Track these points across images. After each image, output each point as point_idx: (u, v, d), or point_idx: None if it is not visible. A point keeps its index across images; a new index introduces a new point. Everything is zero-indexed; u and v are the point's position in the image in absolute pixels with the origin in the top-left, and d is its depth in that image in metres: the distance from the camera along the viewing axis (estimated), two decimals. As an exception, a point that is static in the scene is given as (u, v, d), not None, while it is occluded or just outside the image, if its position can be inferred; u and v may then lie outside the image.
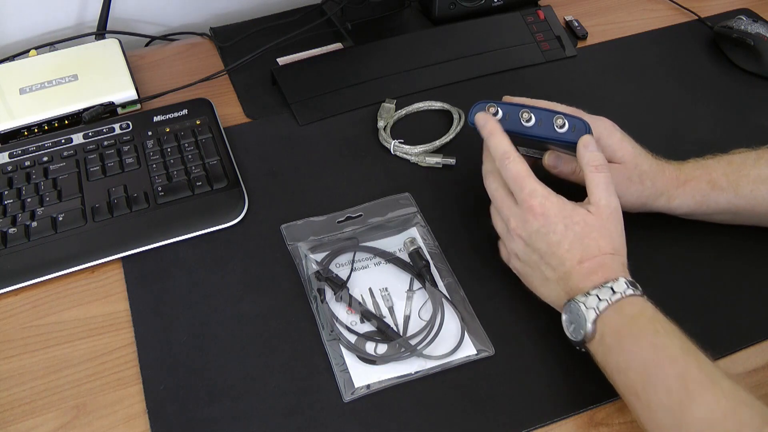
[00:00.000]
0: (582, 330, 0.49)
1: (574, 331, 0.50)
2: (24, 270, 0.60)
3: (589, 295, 0.49)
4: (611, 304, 0.48)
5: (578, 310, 0.49)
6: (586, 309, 0.49)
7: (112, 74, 0.77)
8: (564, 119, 0.54)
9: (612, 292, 0.49)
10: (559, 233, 0.52)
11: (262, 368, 0.54)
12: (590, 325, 0.49)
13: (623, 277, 0.50)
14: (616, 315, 0.48)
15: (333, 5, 0.86)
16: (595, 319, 0.49)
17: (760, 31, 0.80)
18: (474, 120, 0.57)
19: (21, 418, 0.52)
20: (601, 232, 0.52)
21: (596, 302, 0.49)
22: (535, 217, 0.52)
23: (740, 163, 0.59)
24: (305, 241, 0.62)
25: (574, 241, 0.51)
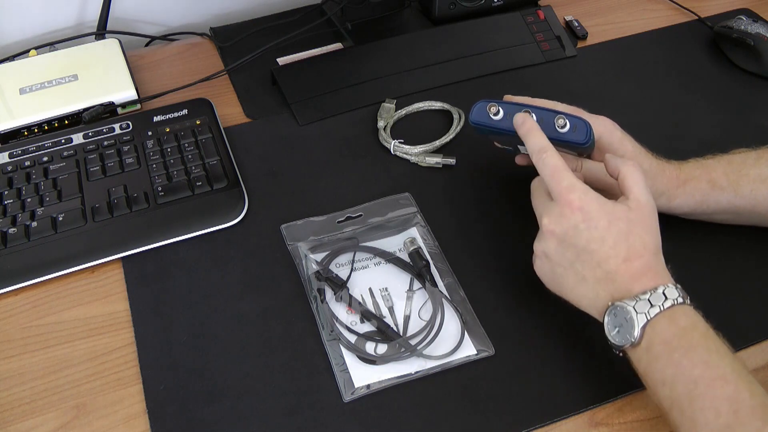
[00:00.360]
0: (629, 335, 0.47)
1: (619, 336, 0.48)
2: (24, 270, 0.60)
3: (639, 299, 0.47)
4: (663, 311, 0.46)
5: (626, 313, 0.47)
6: (636, 314, 0.47)
7: (112, 74, 0.77)
8: (565, 119, 0.54)
9: (664, 298, 0.47)
10: (601, 228, 0.49)
11: (262, 368, 0.54)
12: (638, 331, 0.47)
13: (673, 285, 0.48)
14: (667, 324, 0.46)
15: (333, 5, 0.86)
16: (644, 325, 0.47)
17: (760, 31, 0.80)
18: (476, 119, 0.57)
19: (21, 418, 0.52)
20: (645, 228, 0.50)
21: (647, 307, 0.47)
22: (573, 212, 0.50)
23: (740, 163, 0.59)
24: (305, 241, 0.62)
25: (618, 237, 0.49)
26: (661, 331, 0.46)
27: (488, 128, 0.58)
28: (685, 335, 0.46)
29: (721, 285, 0.60)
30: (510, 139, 0.59)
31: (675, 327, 0.46)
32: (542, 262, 0.53)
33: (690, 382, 0.44)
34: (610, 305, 0.49)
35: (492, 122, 0.57)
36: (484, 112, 0.57)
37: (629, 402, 0.53)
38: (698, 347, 0.45)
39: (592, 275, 0.50)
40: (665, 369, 0.46)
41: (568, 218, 0.50)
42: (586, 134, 0.54)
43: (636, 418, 0.52)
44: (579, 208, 0.50)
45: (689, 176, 0.59)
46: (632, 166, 0.52)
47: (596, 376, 0.54)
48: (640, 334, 0.47)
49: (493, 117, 0.57)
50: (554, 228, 0.51)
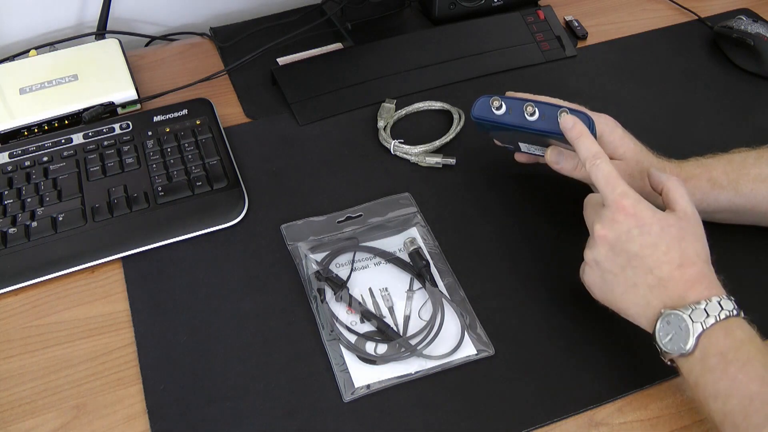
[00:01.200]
0: (682, 344, 0.46)
1: (671, 343, 0.47)
2: (24, 270, 0.60)
3: (694, 308, 0.46)
4: (719, 322, 0.46)
5: (681, 321, 0.46)
6: (692, 322, 0.46)
7: (112, 74, 0.77)
8: (568, 113, 0.54)
9: (720, 308, 0.46)
10: (654, 234, 0.49)
11: (262, 368, 0.54)
12: (693, 340, 0.46)
13: (728, 296, 0.47)
14: (723, 335, 0.45)
15: (333, 5, 0.86)
16: (700, 334, 0.46)
17: (760, 31, 0.80)
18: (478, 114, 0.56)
19: (21, 418, 0.52)
20: (696, 237, 0.50)
21: (703, 317, 0.46)
22: (626, 217, 0.49)
23: (740, 162, 0.59)
24: (305, 241, 0.62)
25: (671, 243, 0.48)
26: (716, 342, 0.45)
27: (490, 123, 0.57)
28: (742, 348, 0.45)
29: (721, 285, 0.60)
30: (511, 135, 0.59)
31: (731, 339, 0.45)
32: (592, 270, 0.52)
33: (745, 398, 0.43)
34: (662, 312, 0.48)
35: (494, 117, 0.57)
36: (486, 107, 0.57)
37: (629, 402, 0.53)
38: (755, 361, 0.44)
39: (644, 281, 0.49)
40: (719, 382, 0.45)
41: (620, 223, 0.50)
42: (588, 127, 0.54)
43: (636, 418, 0.52)
44: (632, 214, 0.49)
45: (689, 175, 0.59)
46: (676, 181, 0.52)
47: (596, 376, 0.54)
48: (695, 344, 0.46)
49: (496, 111, 0.56)
50: (606, 233, 0.50)
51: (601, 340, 0.56)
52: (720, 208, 0.59)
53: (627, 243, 0.49)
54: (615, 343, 0.56)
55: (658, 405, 0.53)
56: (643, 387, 0.53)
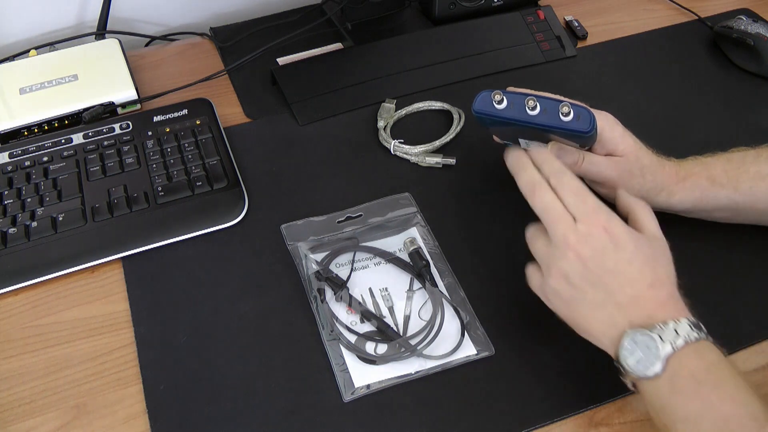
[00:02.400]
0: (650, 365, 0.45)
1: (638, 365, 0.45)
2: (24, 270, 0.60)
3: (664, 328, 0.45)
4: (689, 344, 0.44)
5: (650, 341, 0.45)
6: (662, 342, 0.44)
7: (112, 74, 0.77)
8: (570, 107, 0.53)
9: (690, 329, 0.45)
10: (629, 251, 0.48)
11: (262, 368, 0.54)
12: (663, 362, 0.44)
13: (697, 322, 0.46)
14: (694, 356, 0.44)
15: (333, 5, 0.86)
16: (669, 355, 0.44)
17: (760, 31, 0.80)
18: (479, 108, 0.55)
19: (21, 418, 0.52)
20: (667, 259, 0.49)
21: (673, 337, 0.44)
22: (602, 233, 0.48)
23: (739, 160, 0.59)
24: (305, 241, 0.62)
25: (645, 262, 0.48)
26: (687, 364, 0.44)
27: (491, 117, 0.57)
28: (713, 370, 0.44)
29: (721, 285, 0.60)
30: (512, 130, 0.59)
31: (702, 360, 0.44)
32: (558, 284, 0.50)
33: (719, 420, 0.43)
34: (628, 331, 0.46)
35: (495, 111, 0.56)
36: (488, 101, 0.56)
37: (629, 402, 0.53)
38: (727, 383, 0.44)
39: (614, 299, 0.47)
40: (689, 404, 0.44)
41: (597, 239, 0.48)
42: (590, 123, 0.53)
43: (636, 418, 0.52)
44: (606, 229, 0.48)
45: (689, 173, 0.59)
46: (644, 205, 0.52)
47: (596, 376, 0.54)
48: (664, 365, 0.44)
49: (497, 106, 0.56)
50: (581, 249, 0.48)
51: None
52: (719, 206, 0.59)
53: (602, 259, 0.48)
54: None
55: (658, 405, 0.53)
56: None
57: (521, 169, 0.53)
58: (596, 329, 0.49)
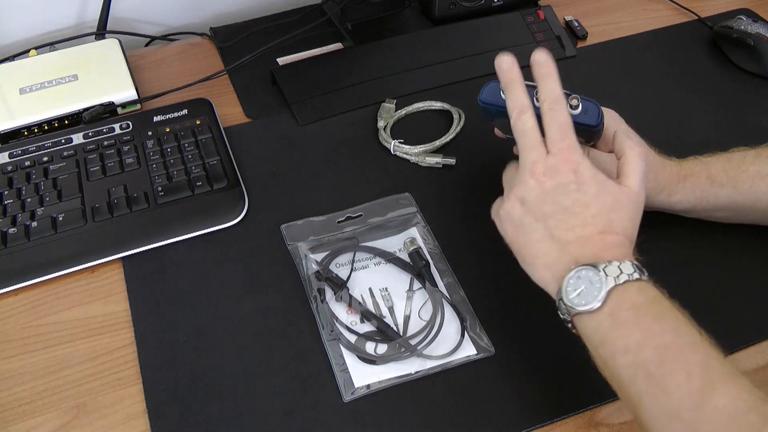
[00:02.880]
0: (592, 298, 0.45)
1: (579, 298, 0.46)
2: (24, 270, 0.60)
3: (609, 264, 0.46)
4: (632, 281, 0.45)
5: (594, 275, 0.46)
6: (606, 276, 0.45)
7: (112, 74, 0.77)
8: (579, 100, 0.53)
9: (634, 269, 0.46)
10: (589, 195, 0.48)
11: (262, 368, 0.55)
12: (604, 294, 0.45)
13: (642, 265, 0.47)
14: (636, 292, 0.45)
15: (333, 5, 0.86)
16: (611, 288, 0.45)
17: (760, 31, 0.80)
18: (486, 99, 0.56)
19: (21, 418, 0.52)
20: (629, 213, 0.49)
21: (617, 273, 0.45)
22: (569, 171, 0.49)
23: (739, 160, 0.59)
24: (305, 241, 0.62)
25: (602, 209, 0.48)
26: (629, 297, 0.45)
27: (497, 108, 0.57)
28: (654, 304, 0.45)
29: (721, 285, 0.60)
30: None
31: (644, 295, 0.45)
32: (513, 207, 0.51)
33: (660, 347, 0.43)
34: (573, 267, 0.47)
35: (502, 102, 0.56)
36: (495, 91, 0.56)
37: (629, 402, 0.53)
38: (668, 316, 0.45)
39: (563, 236, 0.48)
40: (631, 335, 0.44)
41: (562, 174, 0.49)
42: (598, 117, 0.53)
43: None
44: (575, 170, 0.49)
45: (689, 172, 0.59)
46: (637, 154, 0.51)
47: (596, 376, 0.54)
48: (605, 297, 0.45)
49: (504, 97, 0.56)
50: (545, 179, 0.49)
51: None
52: (720, 206, 0.59)
53: (561, 195, 0.49)
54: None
55: (658, 405, 0.53)
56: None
57: (515, 87, 0.53)
58: (540, 262, 0.49)
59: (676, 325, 0.44)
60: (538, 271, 0.50)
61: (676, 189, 0.59)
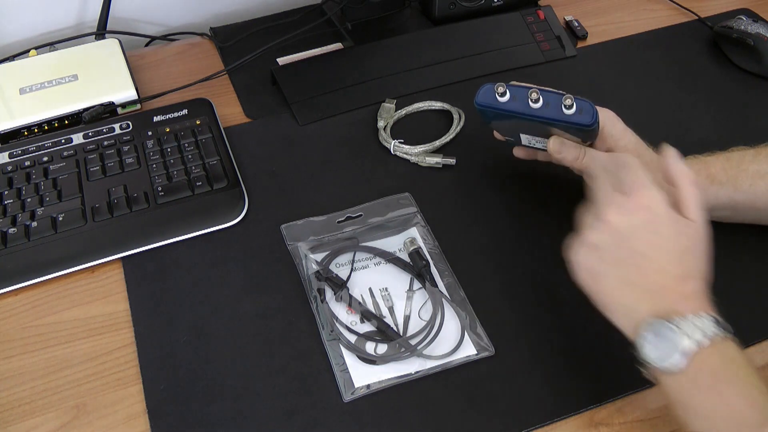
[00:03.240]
0: (670, 359, 0.44)
1: (659, 357, 0.44)
2: (24, 270, 0.60)
3: (686, 321, 0.44)
4: (711, 340, 0.43)
5: (673, 335, 0.44)
6: (681, 333, 0.43)
7: (112, 74, 0.77)
8: (573, 100, 0.53)
9: (715, 326, 0.44)
10: (664, 237, 0.47)
11: (262, 368, 0.54)
12: (681, 356, 0.43)
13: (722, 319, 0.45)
14: (716, 354, 0.44)
15: (333, 5, 0.86)
16: (690, 350, 0.43)
17: (760, 31, 0.80)
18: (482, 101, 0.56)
19: (21, 418, 0.52)
20: (702, 252, 0.48)
21: (692, 330, 0.43)
22: (641, 210, 0.47)
23: (738, 159, 0.59)
24: (305, 241, 0.62)
25: (678, 252, 0.46)
26: (709, 361, 0.44)
27: (493, 110, 0.56)
28: (731, 366, 0.44)
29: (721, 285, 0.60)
30: (513, 124, 0.58)
31: (722, 357, 0.44)
32: (588, 254, 0.49)
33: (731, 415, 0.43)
34: (650, 322, 0.45)
35: (498, 104, 0.56)
36: (491, 93, 0.56)
37: (629, 402, 0.53)
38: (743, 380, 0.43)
39: (643, 283, 0.46)
40: (706, 400, 0.43)
41: (636, 216, 0.47)
42: (592, 116, 0.53)
43: (636, 418, 0.52)
44: (647, 207, 0.47)
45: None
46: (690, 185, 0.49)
47: (596, 376, 0.54)
48: (687, 361, 0.43)
49: (500, 98, 0.55)
50: (619, 221, 0.47)
51: (601, 340, 0.56)
52: (719, 205, 0.59)
53: (636, 238, 0.47)
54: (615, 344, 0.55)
55: (658, 405, 0.53)
56: (643, 387, 0.53)
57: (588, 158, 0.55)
58: (618, 309, 0.48)
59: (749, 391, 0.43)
60: (618, 319, 0.48)
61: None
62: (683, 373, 0.44)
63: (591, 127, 0.54)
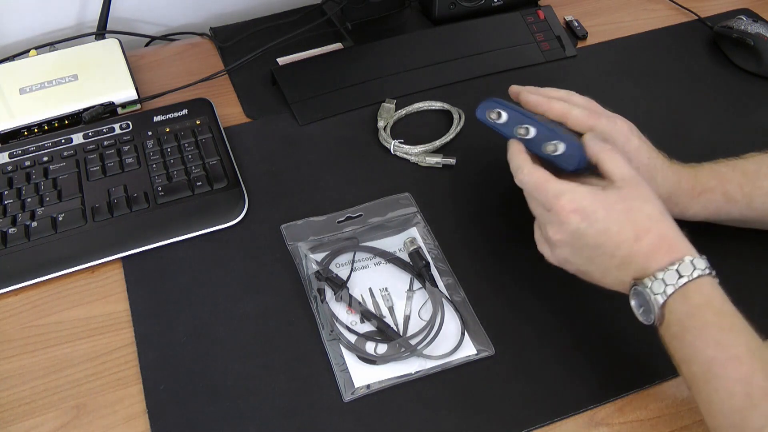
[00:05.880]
0: (651, 315, 0.48)
1: (644, 315, 0.49)
2: (24, 270, 0.60)
3: (655, 279, 0.47)
4: (677, 290, 0.46)
5: (646, 295, 0.48)
6: (654, 294, 0.47)
7: (112, 74, 0.77)
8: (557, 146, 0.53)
9: (678, 275, 0.47)
10: (601, 219, 0.49)
11: (262, 368, 0.54)
12: (658, 311, 0.47)
13: (688, 256, 0.47)
14: (681, 302, 0.47)
15: (333, 5, 0.86)
16: (662, 304, 0.47)
17: (760, 31, 0.80)
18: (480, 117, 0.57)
19: (21, 418, 0.52)
20: (642, 199, 0.50)
21: (663, 287, 0.47)
22: (569, 217, 0.50)
23: (754, 173, 0.58)
24: (305, 241, 0.62)
25: (620, 220, 0.49)
26: (675, 311, 0.47)
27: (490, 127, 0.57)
28: (699, 314, 0.46)
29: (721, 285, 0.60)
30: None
31: (687, 305, 0.46)
32: (568, 265, 0.54)
33: (704, 363, 0.45)
34: (632, 287, 0.49)
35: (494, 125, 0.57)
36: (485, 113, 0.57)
37: (629, 402, 0.53)
38: (711, 326, 0.45)
39: (612, 263, 0.50)
40: (682, 349, 0.46)
41: (566, 225, 0.50)
42: (576, 164, 0.53)
43: (636, 418, 0.52)
44: (573, 210, 0.50)
45: (705, 187, 0.57)
46: (609, 151, 0.52)
47: (596, 376, 0.54)
48: (659, 314, 0.47)
49: (495, 121, 0.57)
50: (561, 237, 0.51)
51: (601, 340, 0.56)
52: (730, 220, 0.59)
53: (582, 239, 0.50)
54: (615, 343, 0.56)
55: (658, 405, 0.53)
56: (643, 387, 0.53)
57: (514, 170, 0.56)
58: (617, 288, 0.51)
59: (718, 337, 0.45)
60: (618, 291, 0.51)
61: (692, 204, 0.58)
62: (661, 326, 0.48)
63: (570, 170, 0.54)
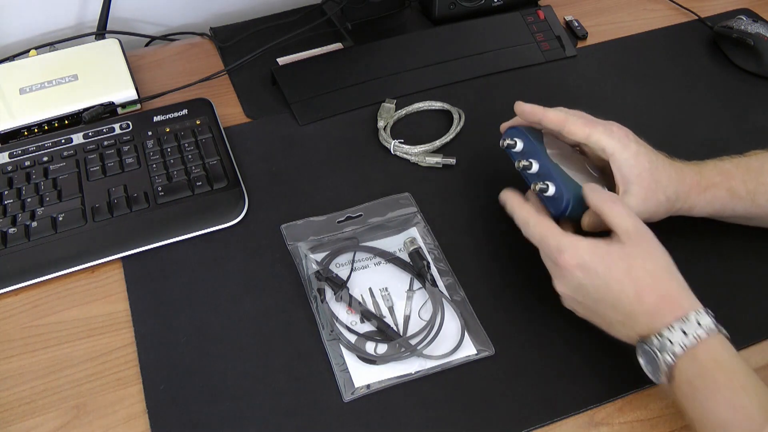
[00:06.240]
0: (659, 375, 0.48)
1: (653, 374, 0.48)
2: (24, 270, 0.60)
3: (660, 338, 0.47)
4: (686, 351, 0.46)
5: (653, 355, 0.47)
6: (660, 354, 0.47)
7: (112, 74, 0.77)
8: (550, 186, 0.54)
9: (683, 334, 0.46)
10: (601, 275, 0.49)
11: (262, 368, 0.55)
12: (665, 374, 0.47)
13: (693, 312, 0.47)
14: (690, 363, 0.46)
15: (333, 5, 0.86)
16: (670, 366, 0.47)
17: (760, 31, 0.80)
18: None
19: (21, 418, 0.52)
20: (645, 256, 0.50)
21: (670, 347, 0.46)
22: (572, 271, 0.50)
23: (758, 170, 0.58)
24: (305, 241, 0.62)
25: (620, 278, 0.49)
26: (685, 371, 0.46)
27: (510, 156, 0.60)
28: (707, 375, 0.46)
29: (721, 284, 0.60)
30: None
31: (697, 366, 0.46)
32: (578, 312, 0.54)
33: (718, 425, 0.45)
34: (637, 346, 0.49)
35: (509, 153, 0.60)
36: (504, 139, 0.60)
37: (629, 402, 0.53)
38: (722, 388, 0.45)
39: (616, 318, 0.50)
40: (694, 409, 0.46)
41: (569, 278, 0.51)
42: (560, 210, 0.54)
43: (636, 418, 0.52)
44: (575, 266, 0.50)
45: (710, 183, 0.57)
46: (611, 202, 0.52)
47: (596, 376, 0.54)
48: (667, 375, 0.47)
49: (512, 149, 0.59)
50: (564, 290, 0.52)
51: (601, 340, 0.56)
52: (734, 216, 0.59)
53: (583, 293, 0.51)
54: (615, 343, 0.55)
55: (658, 405, 0.53)
56: (643, 387, 0.53)
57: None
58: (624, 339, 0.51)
59: (731, 399, 0.45)
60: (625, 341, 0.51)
61: (697, 200, 0.57)
62: (670, 386, 0.47)
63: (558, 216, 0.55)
